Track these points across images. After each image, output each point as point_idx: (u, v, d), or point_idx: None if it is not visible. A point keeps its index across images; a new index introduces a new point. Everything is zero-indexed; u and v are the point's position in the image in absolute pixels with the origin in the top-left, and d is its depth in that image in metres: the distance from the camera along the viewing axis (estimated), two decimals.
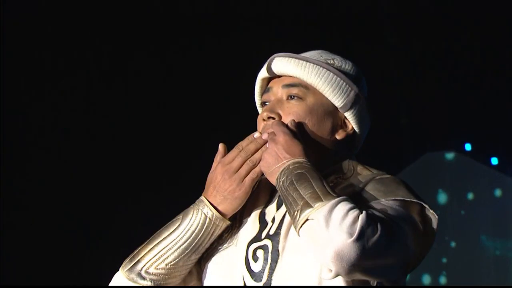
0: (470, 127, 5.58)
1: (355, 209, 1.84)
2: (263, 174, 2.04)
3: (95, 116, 4.58)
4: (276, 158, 1.98)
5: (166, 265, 2.06)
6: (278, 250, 1.98)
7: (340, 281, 1.91)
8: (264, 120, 2.08)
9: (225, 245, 2.08)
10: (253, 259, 2.01)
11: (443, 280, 6.06)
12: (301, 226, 1.87)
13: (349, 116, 2.10)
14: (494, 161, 5.96)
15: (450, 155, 6.05)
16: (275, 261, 1.98)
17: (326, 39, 4.55)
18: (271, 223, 2.04)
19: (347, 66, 2.13)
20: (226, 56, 4.56)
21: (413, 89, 5.37)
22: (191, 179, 2.38)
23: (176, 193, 3.14)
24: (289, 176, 1.93)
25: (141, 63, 4.63)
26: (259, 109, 2.21)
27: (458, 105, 5.37)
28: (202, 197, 2.08)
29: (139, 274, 2.07)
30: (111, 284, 2.11)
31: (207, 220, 2.05)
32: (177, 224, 2.07)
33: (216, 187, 2.05)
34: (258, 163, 2.02)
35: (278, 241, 1.99)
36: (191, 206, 2.09)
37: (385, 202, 1.96)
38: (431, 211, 2.01)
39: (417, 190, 1.95)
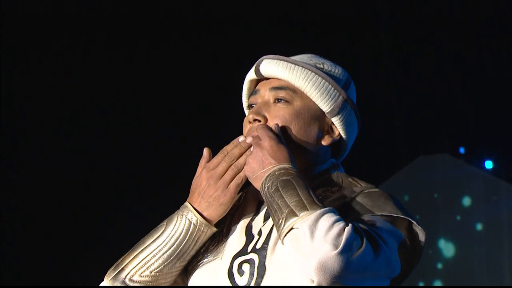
0: (465, 131, 5.55)
1: (341, 221, 1.81)
2: (248, 179, 1.99)
3: (89, 121, 4.54)
4: (261, 163, 1.94)
5: (151, 272, 2.03)
6: (264, 265, 1.95)
7: None
8: (250, 122, 2.05)
9: (210, 258, 2.04)
10: (239, 273, 1.97)
11: (437, 284, 6.03)
12: (285, 235, 1.83)
13: (336, 121, 2.07)
14: (489, 164, 5.93)
15: (444, 159, 6.02)
16: (261, 276, 1.95)
17: (320, 41, 4.51)
18: (258, 236, 2.01)
19: (337, 71, 2.10)
20: (217, 60, 4.52)
21: (408, 92, 5.35)
22: (182, 186, 2.34)
23: (166, 201, 3.10)
24: (274, 182, 1.90)
25: (136, 67, 4.60)
26: (246, 111, 2.17)
27: (453, 108, 5.35)
28: (186, 203, 2.04)
29: (124, 282, 2.04)
30: None
31: (192, 226, 2.02)
32: (161, 231, 2.04)
33: (201, 193, 2.02)
34: (243, 168, 1.99)
35: (265, 255, 1.96)
36: (176, 212, 2.06)
37: (373, 217, 1.93)
38: (419, 226, 1.97)
39: (411, 194, 1.90)
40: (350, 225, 1.80)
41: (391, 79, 5.35)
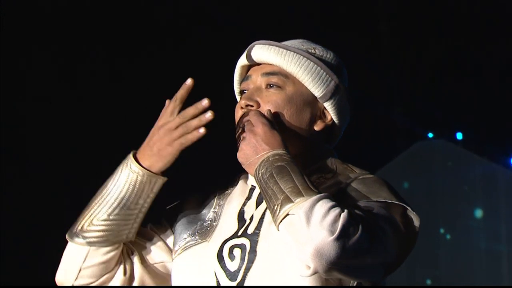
0: (462, 116, 5.54)
1: (336, 207, 1.80)
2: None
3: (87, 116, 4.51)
4: (254, 149, 1.93)
5: (100, 221, 2.04)
6: (255, 250, 1.95)
7: (318, 279, 1.88)
8: (242, 108, 2.04)
9: (199, 240, 2.04)
10: (230, 257, 1.97)
11: (437, 273, 6.04)
12: (281, 221, 1.82)
13: (329, 106, 2.06)
14: (486, 150, 5.93)
15: (442, 145, 6.01)
16: (251, 261, 1.94)
17: (319, 28, 4.49)
18: (249, 221, 2.00)
19: (329, 55, 2.09)
20: (210, 52, 4.47)
21: (406, 77, 5.34)
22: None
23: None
24: (268, 169, 1.88)
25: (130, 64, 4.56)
26: (238, 97, 2.16)
27: (451, 93, 5.35)
28: (131, 153, 2.06)
29: (76, 234, 2.06)
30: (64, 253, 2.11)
31: (131, 173, 2.02)
32: (106, 182, 2.07)
33: (149, 142, 2.02)
34: (192, 130, 1.97)
35: (257, 241, 1.96)
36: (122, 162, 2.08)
37: (367, 203, 1.92)
38: (413, 212, 1.96)
39: (411, 181, 1.90)
40: (346, 211, 1.79)
41: (390, 65, 5.34)
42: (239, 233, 1.98)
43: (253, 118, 1.96)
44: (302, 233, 1.77)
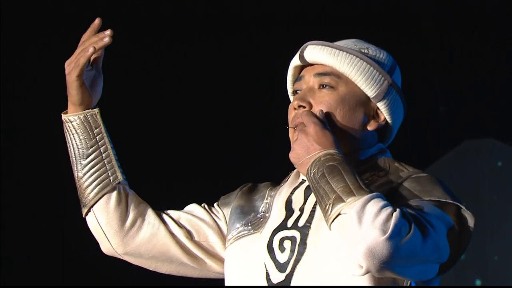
0: (511, 115, 5.48)
1: (388, 206, 1.81)
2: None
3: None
4: (306, 149, 1.94)
5: (81, 182, 2.12)
6: (306, 243, 1.96)
7: (371, 279, 1.89)
8: (295, 108, 2.05)
9: (252, 231, 2.07)
10: (280, 249, 1.99)
11: (486, 273, 5.98)
12: (332, 221, 1.84)
13: (382, 106, 2.07)
14: None
15: (490, 144, 5.95)
16: (301, 253, 1.96)
17: (363, 26, 4.47)
18: (299, 212, 2.02)
19: (382, 55, 2.10)
20: (260, 53, 4.45)
21: (452, 75, 5.30)
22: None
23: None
24: (320, 168, 1.89)
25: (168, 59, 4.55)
26: (291, 98, 2.18)
27: (498, 92, 5.29)
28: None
29: (82, 207, 2.14)
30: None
31: (67, 124, 2.11)
32: None
33: None
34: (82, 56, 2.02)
35: (307, 234, 1.97)
36: None
37: (420, 201, 1.92)
38: (468, 211, 1.97)
39: (457, 180, 1.90)
40: (398, 210, 1.80)
41: (435, 63, 5.31)
42: (290, 225, 2.00)
43: (305, 118, 1.98)
44: (354, 232, 1.78)
